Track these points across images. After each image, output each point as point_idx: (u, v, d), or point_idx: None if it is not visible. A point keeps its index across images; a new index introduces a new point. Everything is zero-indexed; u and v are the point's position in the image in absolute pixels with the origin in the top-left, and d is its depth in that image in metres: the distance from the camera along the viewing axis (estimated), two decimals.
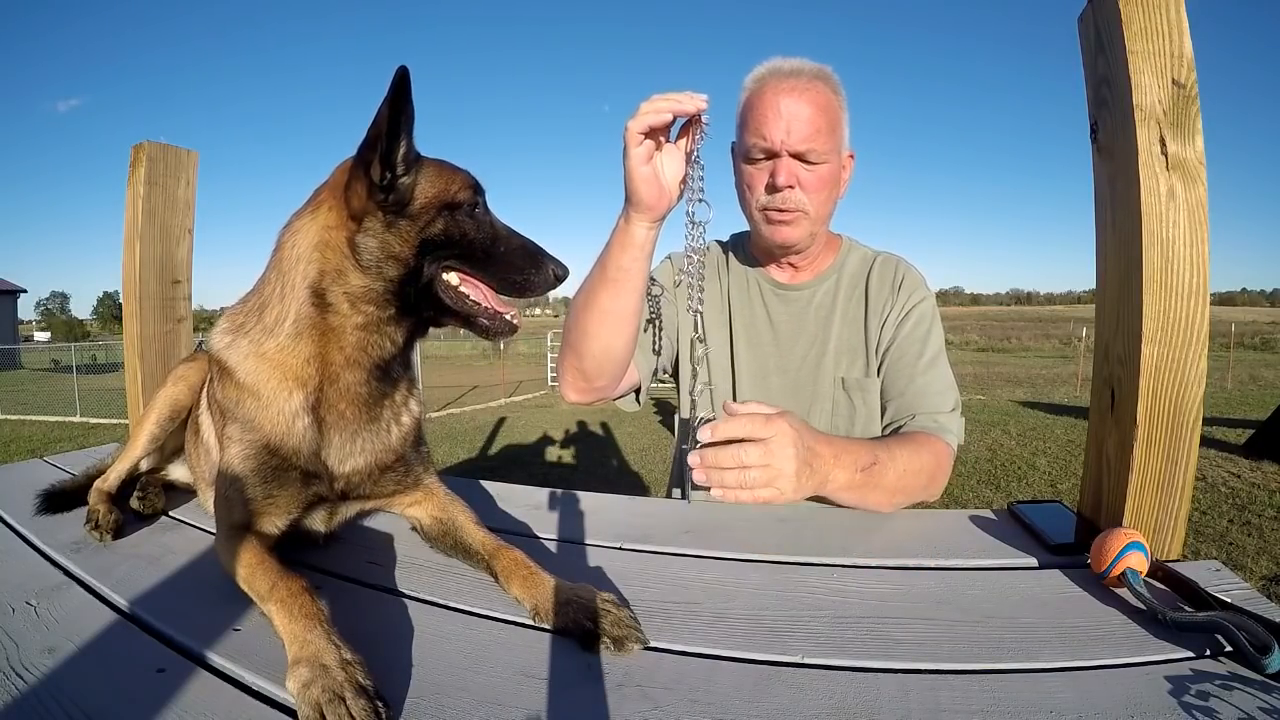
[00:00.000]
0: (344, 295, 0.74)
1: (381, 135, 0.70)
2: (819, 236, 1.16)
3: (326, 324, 0.75)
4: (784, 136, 1.04)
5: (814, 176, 1.08)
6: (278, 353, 0.76)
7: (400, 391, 0.85)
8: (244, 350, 0.78)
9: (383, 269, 0.73)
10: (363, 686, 0.53)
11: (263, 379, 0.76)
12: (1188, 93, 0.72)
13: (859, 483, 0.92)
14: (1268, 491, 4.46)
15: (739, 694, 0.55)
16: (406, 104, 0.71)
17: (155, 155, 1.33)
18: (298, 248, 0.75)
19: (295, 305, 0.75)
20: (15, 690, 0.55)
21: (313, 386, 0.76)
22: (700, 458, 0.81)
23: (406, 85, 0.69)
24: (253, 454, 0.76)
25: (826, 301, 1.21)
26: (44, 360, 25.30)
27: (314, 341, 0.75)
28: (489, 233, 0.78)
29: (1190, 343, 0.73)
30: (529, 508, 1.04)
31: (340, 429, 0.78)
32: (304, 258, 0.75)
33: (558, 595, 0.68)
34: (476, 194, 0.78)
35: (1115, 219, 0.78)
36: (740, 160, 1.14)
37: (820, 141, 1.05)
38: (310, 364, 0.76)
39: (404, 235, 0.73)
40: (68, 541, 0.89)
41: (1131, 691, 0.54)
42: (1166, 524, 0.77)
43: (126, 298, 1.36)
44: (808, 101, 1.04)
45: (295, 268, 0.75)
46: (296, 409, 0.76)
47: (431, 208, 0.74)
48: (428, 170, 0.76)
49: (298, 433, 0.76)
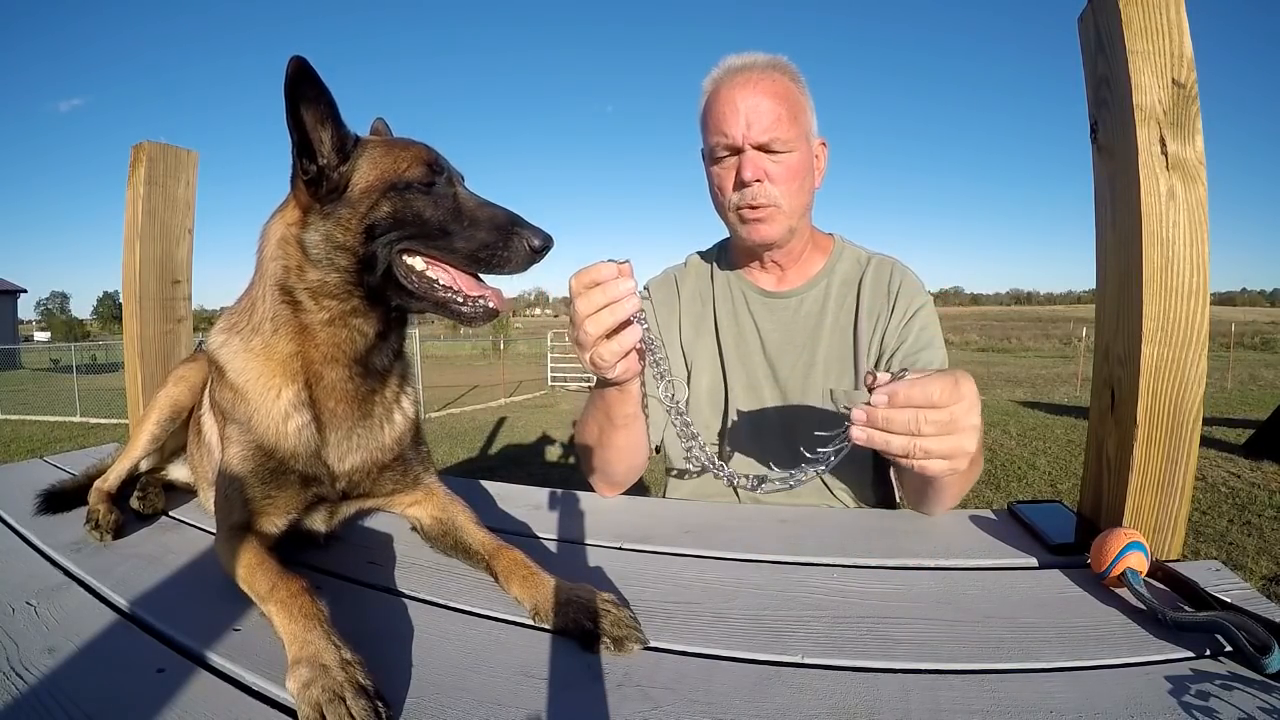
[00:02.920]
0: (305, 291, 0.73)
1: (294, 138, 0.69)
2: (800, 232, 1.14)
3: (299, 321, 0.75)
4: (744, 130, 1.03)
5: (782, 168, 1.06)
6: (263, 350, 0.76)
7: (390, 387, 0.84)
8: (234, 349, 0.78)
9: (334, 259, 0.72)
10: (362, 686, 0.53)
11: (250, 379, 0.76)
12: (1188, 93, 0.72)
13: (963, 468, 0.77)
14: (1268, 491, 4.46)
15: (739, 694, 0.55)
16: (315, 94, 0.68)
17: (155, 155, 1.33)
18: (267, 246, 0.76)
19: (270, 303, 0.75)
20: (15, 690, 0.55)
21: (300, 385, 0.76)
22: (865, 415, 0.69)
23: (306, 75, 0.66)
24: (250, 455, 0.76)
25: (815, 309, 1.18)
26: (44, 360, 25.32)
27: (292, 339, 0.75)
28: (449, 208, 0.73)
29: (1190, 343, 0.73)
30: (529, 508, 1.04)
31: (334, 427, 0.78)
32: (271, 256, 0.75)
33: (558, 595, 0.68)
34: (432, 170, 0.74)
35: (1115, 219, 0.78)
36: (708, 164, 1.12)
37: (782, 130, 1.04)
38: (293, 362, 0.76)
39: (345, 223, 0.71)
40: (68, 541, 0.89)
41: (1131, 691, 0.54)
42: (1166, 524, 0.77)
43: (126, 298, 1.36)
44: (764, 92, 1.03)
45: (266, 266, 0.75)
46: (285, 409, 0.76)
47: (374, 190, 0.71)
48: (370, 153, 0.73)
49: (291, 434, 0.76)
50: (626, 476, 1.09)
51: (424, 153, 0.75)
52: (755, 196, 1.06)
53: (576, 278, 0.77)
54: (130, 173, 1.33)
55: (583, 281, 0.76)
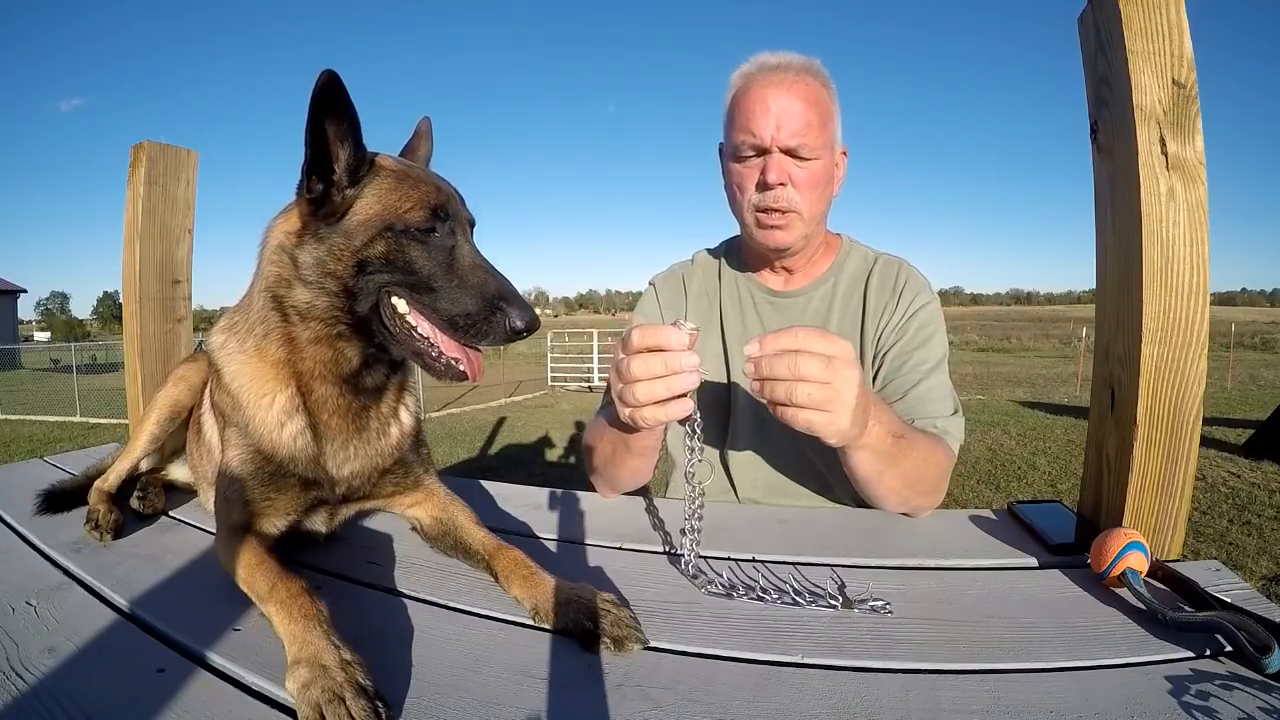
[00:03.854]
0: (293, 309, 0.72)
1: (308, 155, 0.67)
2: (813, 238, 1.13)
3: (288, 332, 0.74)
4: (774, 132, 1.01)
5: (806, 174, 1.04)
6: (255, 353, 0.75)
7: (386, 401, 0.82)
8: (230, 351, 0.78)
9: (324, 285, 0.70)
10: (362, 687, 0.53)
11: (244, 384, 0.76)
12: (1188, 93, 0.72)
13: (888, 449, 0.85)
14: (1268, 491, 4.46)
15: (739, 694, 0.55)
16: (341, 109, 0.65)
17: (155, 155, 1.33)
18: (266, 249, 0.74)
19: (262, 308, 0.74)
20: (15, 690, 0.55)
21: (292, 392, 0.75)
22: (755, 366, 0.72)
23: (336, 90, 0.64)
24: (249, 459, 0.76)
25: (821, 309, 1.17)
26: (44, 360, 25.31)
27: (282, 347, 0.74)
28: (441, 263, 0.70)
29: (1190, 343, 0.73)
30: (529, 508, 1.04)
31: (329, 439, 0.78)
32: (267, 259, 0.74)
33: (558, 595, 0.68)
34: (435, 216, 0.70)
35: (1115, 219, 0.78)
36: (729, 160, 1.10)
37: (811, 136, 1.02)
38: (284, 369, 0.75)
39: (338, 252, 0.69)
40: (68, 541, 0.89)
41: (1132, 691, 0.54)
42: (1166, 524, 0.77)
43: (126, 298, 1.36)
44: (797, 95, 1.02)
45: (264, 269, 0.74)
46: (279, 417, 0.75)
47: (371, 226, 0.68)
48: (379, 184, 0.70)
49: (287, 441, 0.76)
50: (631, 487, 1.10)
51: (432, 195, 0.71)
52: (776, 200, 1.04)
53: (640, 333, 0.73)
54: (130, 173, 1.33)
55: (646, 341, 0.73)
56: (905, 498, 0.94)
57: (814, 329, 0.72)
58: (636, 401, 0.74)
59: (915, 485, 0.93)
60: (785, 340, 0.71)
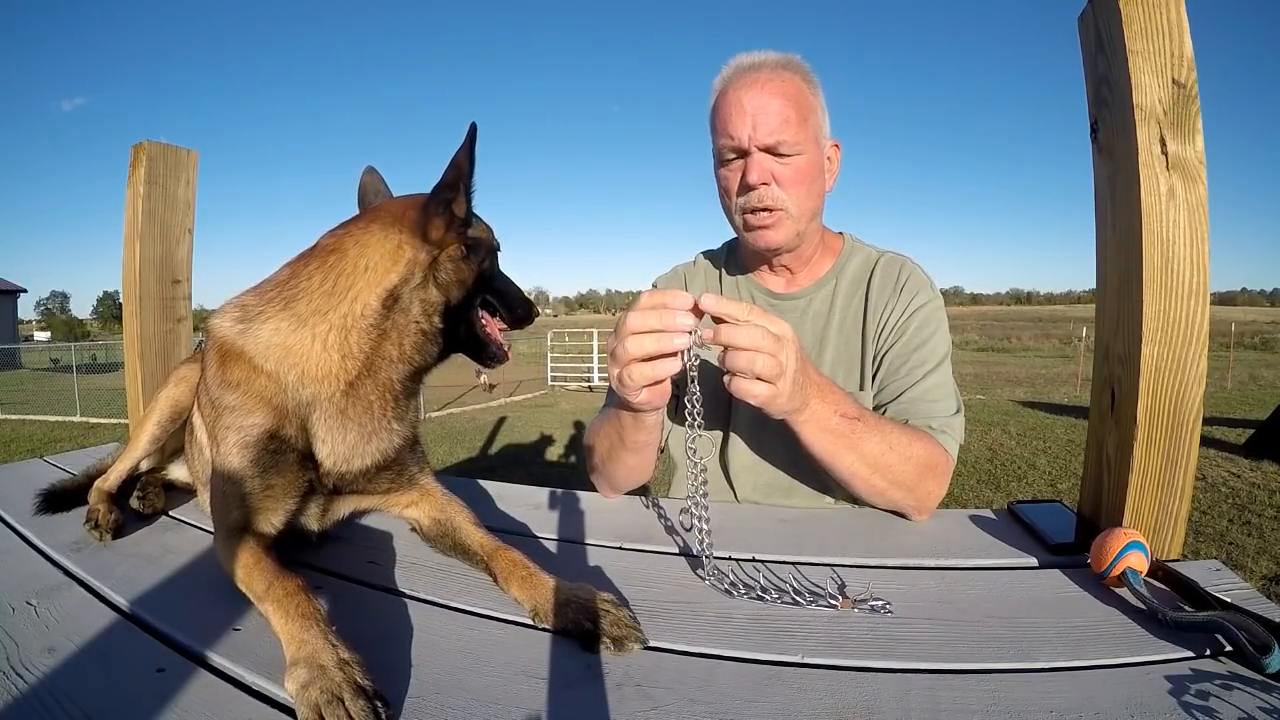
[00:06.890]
0: (420, 302, 0.79)
1: (463, 177, 0.79)
2: (809, 235, 1.12)
3: (390, 322, 0.78)
4: (750, 131, 1.01)
5: (790, 170, 1.03)
6: (313, 341, 0.77)
7: (417, 399, 0.89)
8: (265, 338, 0.78)
9: (450, 291, 0.81)
10: (361, 686, 0.53)
11: (286, 366, 0.76)
12: (1188, 92, 0.72)
13: (836, 428, 0.87)
14: (1268, 491, 4.46)
15: (739, 694, 0.55)
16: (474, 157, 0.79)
17: (155, 155, 1.33)
18: (366, 257, 0.78)
19: (350, 304, 0.77)
20: (15, 690, 0.55)
21: (340, 379, 0.77)
22: (714, 334, 0.74)
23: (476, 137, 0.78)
24: (252, 441, 0.75)
25: (823, 310, 1.16)
26: (44, 360, 25.32)
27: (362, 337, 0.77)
28: (504, 276, 0.91)
29: (1190, 342, 0.73)
30: (529, 508, 1.04)
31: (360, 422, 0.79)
32: (375, 266, 0.78)
33: (557, 595, 0.68)
34: None
35: (1115, 219, 0.78)
36: (716, 166, 1.10)
37: (790, 132, 1.01)
38: (347, 359, 0.77)
39: (469, 266, 0.83)
40: (68, 541, 0.89)
41: (1131, 691, 0.54)
42: (1166, 524, 0.77)
43: (126, 298, 1.36)
44: (772, 92, 1.01)
45: (359, 273, 0.77)
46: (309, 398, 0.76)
47: (484, 247, 0.85)
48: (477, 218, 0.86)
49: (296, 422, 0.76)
50: (630, 486, 1.10)
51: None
52: (761, 199, 1.04)
53: (649, 293, 0.77)
54: (130, 172, 1.33)
55: (652, 299, 0.75)
56: (876, 487, 0.92)
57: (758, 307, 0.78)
58: (625, 355, 0.76)
59: (884, 473, 0.91)
60: (740, 310, 0.74)
